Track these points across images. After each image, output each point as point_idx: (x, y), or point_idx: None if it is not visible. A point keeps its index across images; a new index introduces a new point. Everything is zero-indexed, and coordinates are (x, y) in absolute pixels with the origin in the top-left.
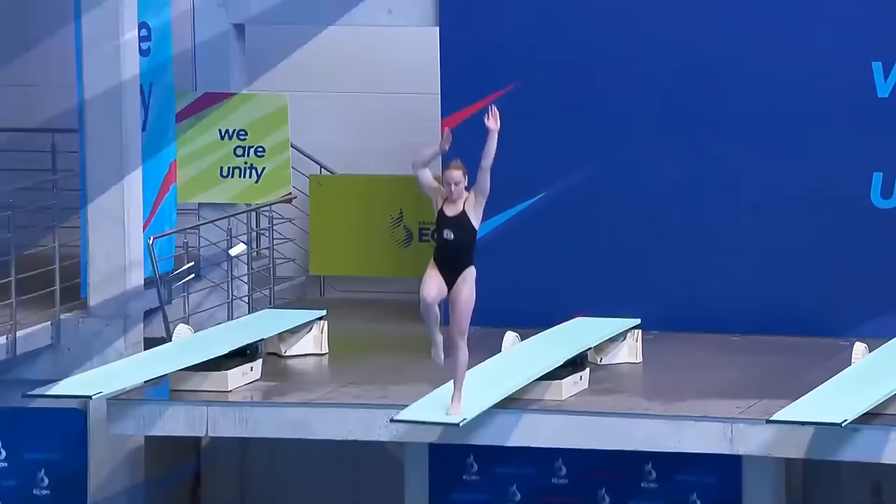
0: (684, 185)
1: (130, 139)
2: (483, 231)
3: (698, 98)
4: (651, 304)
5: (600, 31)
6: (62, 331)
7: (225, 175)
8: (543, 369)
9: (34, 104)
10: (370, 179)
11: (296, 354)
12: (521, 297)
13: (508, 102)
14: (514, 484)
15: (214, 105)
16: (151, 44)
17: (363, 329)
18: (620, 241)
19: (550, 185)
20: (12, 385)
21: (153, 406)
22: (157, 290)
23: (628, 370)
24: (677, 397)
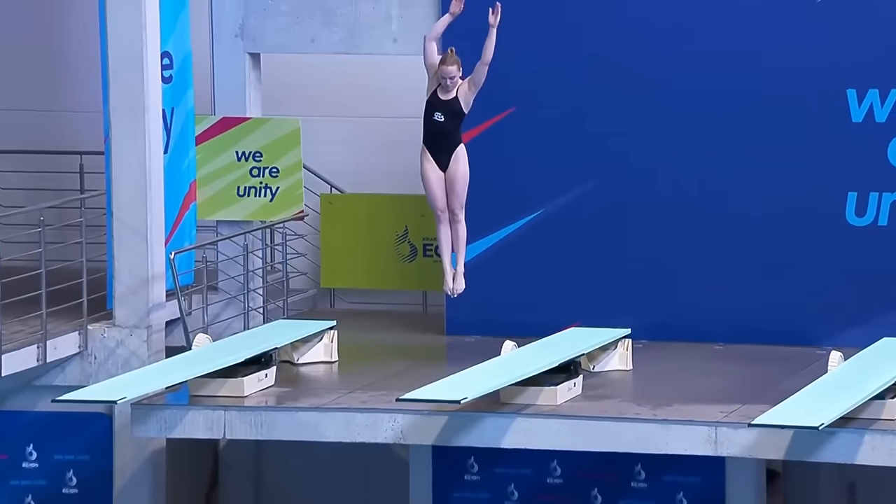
0: (672, 204)
1: (153, 161)
2: (483, 246)
3: (685, 121)
4: (641, 315)
5: (593, 60)
6: (89, 340)
7: (241, 194)
8: (541, 367)
9: (63, 128)
10: (377, 198)
11: (307, 362)
12: (518, 310)
13: (507, 125)
14: (511, 483)
15: (232, 129)
16: (173, 71)
17: (370, 338)
18: (613, 256)
19: (547, 204)
20: (42, 391)
21: (174, 410)
22: (177, 301)
23: (619, 377)
24: (665, 402)
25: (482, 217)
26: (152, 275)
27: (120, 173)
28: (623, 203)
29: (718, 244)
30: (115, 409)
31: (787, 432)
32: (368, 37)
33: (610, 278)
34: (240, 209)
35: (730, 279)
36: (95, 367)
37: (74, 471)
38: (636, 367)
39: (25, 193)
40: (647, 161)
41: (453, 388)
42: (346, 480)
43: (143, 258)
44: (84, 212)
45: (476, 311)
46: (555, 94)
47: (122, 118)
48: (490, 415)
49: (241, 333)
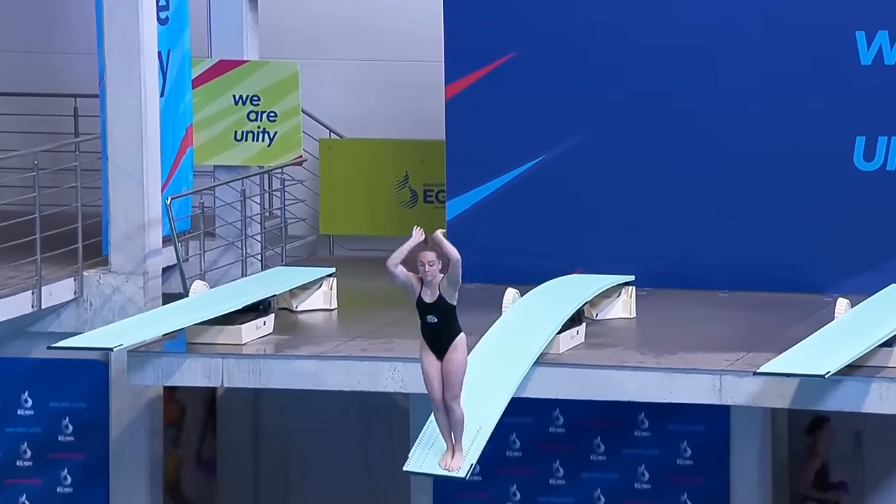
0: (676, 149)
1: (149, 104)
2: (484, 193)
3: (688, 64)
4: (644, 262)
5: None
6: (85, 286)
7: (239, 139)
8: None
9: (57, 70)
10: (377, 143)
11: (306, 310)
12: (520, 257)
13: (508, 70)
14: (514, 432)
15: (229, 72)
16: (169, 13)
17: (370, 286)
18: (615, 203)
19: (548, 150)
20: (38, 337)
21: (171, 358)
22: (174, 247)
23: (622, 325)
24: (669, 351)
25: (482, 163)
26: (148, 220)
27: (115, 117)
28: (625, 149)
29: (723, 190)
30: (112, 356)
31: (793, 381)
32: None
33: (612, 225)
34: (237, 154)
35: (734, 225)
36: (91, 314)
37: (70, 418)
38: (639, 314)
39: (19, 137)
40: (649, 105)
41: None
42: (347, 428)
43: (139, 203)
44: (79, 156)
45: (477, 258)
46: (556, 39)
47: (116, 60)
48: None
49: (239, 280)
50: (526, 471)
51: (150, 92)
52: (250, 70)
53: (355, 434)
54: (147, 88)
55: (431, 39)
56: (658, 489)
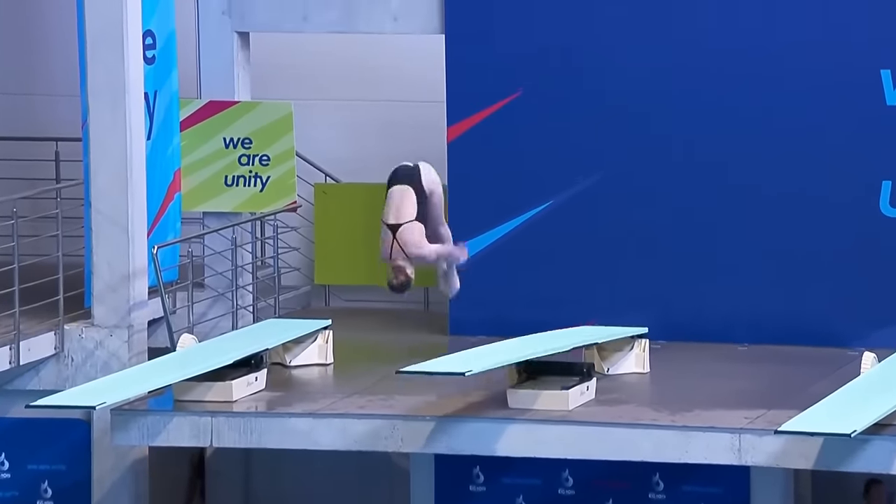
0: (691, 194)
1: (135, 148)
2: (489, 240)
3: (706, 106)
4: (658, 313)
5: (606, 38)
6: (66, 341)
7: (229, 184)
8: (553, 349)
9: (38, 113)
10: (375, 188)
11: (300, 364)
12: (528, 307)
13: (514, 109)
14: (520, 495)
15: (219, 113)
16: (156, 52)
17: (368, 339)
18: (628, 250)
19: (556, 194)
20: (16, 395)
21: (157, 416)
22: (161, 299)
23: (635, 380)
24: (685, 407)
25: (488, 209)
26: (133, 270)
27: (99, 161)
28: (637, 194)
29: (741, 237)
30: (94, 415)
31: (817, 440)
32: (366, 14)
33: (625, 274)
34: (228, 200)
35: (753, 274)
36: (72, 370)
37: (50, 482)
38: (653, 369)
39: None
40: (662, 148)
41: (458, 362)
42: (343, 491)
43: (123, 252)
44: (60, 202)
45: (481, 310)
46: (564, 77)
47: (101, 102)
48: (496, 420)
49: (230, 333)
50: None
51: (136, 135)
52: (242, 111)
53: (353, 497)
54: (132, 131)
55: (432, 78)
56: None
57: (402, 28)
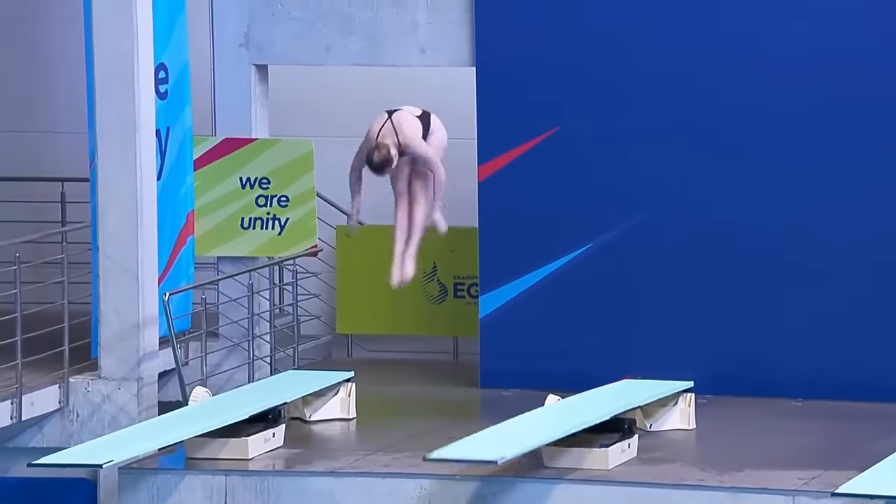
0: (740, 238)
1: (145, 188)
2: (522, 287)
3: (752, 145)
4: (705, 365)
5: (649, 72)
6: (71, 394)
7: (246, 226)
8: (590, 421)
9: (42, 151)
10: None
11: (321, 419)
12: (562, 359)
13: (550, 148)
14: None
15: (235, 151)
16: (169, 86)
17: (394, 392)
18: (671, 296)
19: (595, 238)
20: (17, 453)
21: (168, 475)
22: (172, 349)
23: (680, 437)
24: (734, 467)
25: (520, 253)
26: (143, 319)
27: (107, 202)
28: (683, 237)
29: (795, 284)
30: (101, 473)
31: (878, 503)
32: (392, 46)
33: (668, 324)
34: (244, 243)
35: (808, 324)
36: (78, 426)
37: None
38: (700, 425)
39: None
40: (710, 189)
41: (488, 445)
42: None
43: (133, 300)
44: (66, 247)
45: (515, 361)
46: (602, 113)
47: (109, 139)
48: (531, 480)
49: (246, 386)
50: None
51: (147, 174)
52: (259, 149)
53: None
54: (143, 170)
55: (462, 114)
56: None
57: (429, 60)
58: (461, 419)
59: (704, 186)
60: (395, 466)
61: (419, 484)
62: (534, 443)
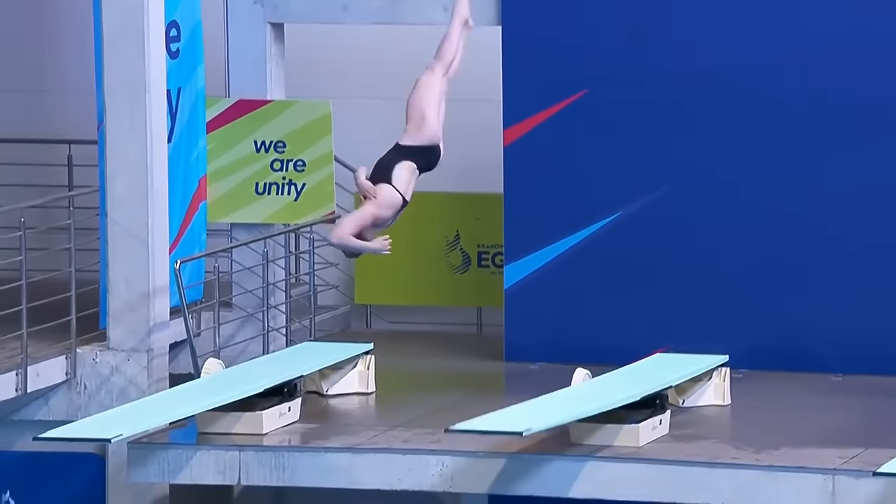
0: (777, 205)
1: (155, 151)
2: (549, 256)
3: (792, 112)
4: (741, 339)
5: (684, 34)
6: (78, 365)
7: (260, 192)
8: (621, 400)
9: (48, 112)
10: (423, 197)
11: (339, 393)
12: (591, 332)
13: (578, 111)
14: None
15: (249, 113)
16: (181, 45)
17: (414, 365)
18: (705, 268)
19: (625, 206)
20: (22, 426)
21: (179, 451)
22: (184, 320)
23: (714, 414)
24: (770, 445)
25: (547, 221)
26: (154, 288)
27: (116, 166)
28: (717, 207)
29: (837, 255)
30: (109, 448)
31: None
32: (413, 4)
33: (702, 295)
34: (258, 210)
35: (850, 295)
36: (85, 399)
37: None
38: (735, 401)
39: (3, 190)
40: (748, 160)
41: (515, 418)
42: None
43: (142, 268)
44: (73, 212)
45: (541, 333)
46: (634, 75)
47: (118, 100)
48: (558, 457)
49: (260, 359)
50: None
51: (157, 137)
52: (275, 111)
53: None
54: (153, 133)
55: (487, 75)
56: None
57: None
58: (485, 394)
59: (742, 156)
60: (415, 442)
61: (441, 461)
62: (562, 418)
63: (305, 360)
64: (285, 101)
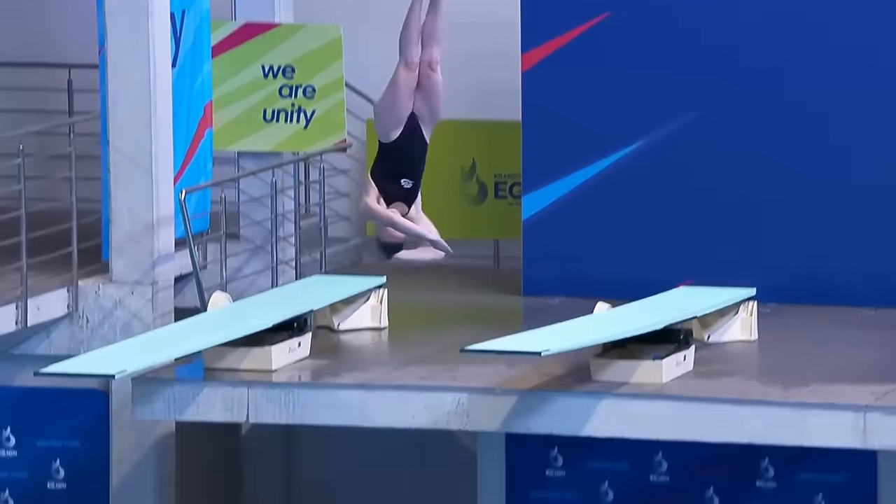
0: (807, 131)
1: (159, 76)
2: (569, 186)
3: (827, 34)
4: (769, 271)
5: None
6: (80, 299)
7: (269, 119)
8: (642, 328)
9: (48, 35)
10: (438, 126)
11: (351, 328)
12: (612, 265)
13: (600, 35)
14: (605, 481)
15: (257, 37)
16: None
17: (429, 300)
18: (732, 197)
19: (648, 134)
20: (23, 361)
21: (185, 387)
22: (189, 252)
23: (741, 349)
24: (800, 381)
25: (567, 150)
26: (158, 218)
27: (118, 92)
28: (744, 132)
29: (869, 182)
30: (113, 384)
31: None
32: None
33: (728, 226)
34: (267, 138)
35: (883, 226)
36: (88, 333)
37: (62, 461)
38: (762, 336)
39: (1, 116)
40: (778, 80)
41: (532, 340)
42: (399, 476)
43: (146, 198)
44: (73, 139)
45: (561, 267)
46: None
47: (120, 23)
48: (578, 394)
49: (269, 292)
50: None
51: (161, 61)
52: (283, 35)
53: (410, 483)
54: (156, 57)
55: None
56: None
57: None
58: (502, 329)
59: (771, 82)
60: (430, 379)
61: (456, 397)
62: (582, 341)
63: (316, 294)
64: (294, 25)
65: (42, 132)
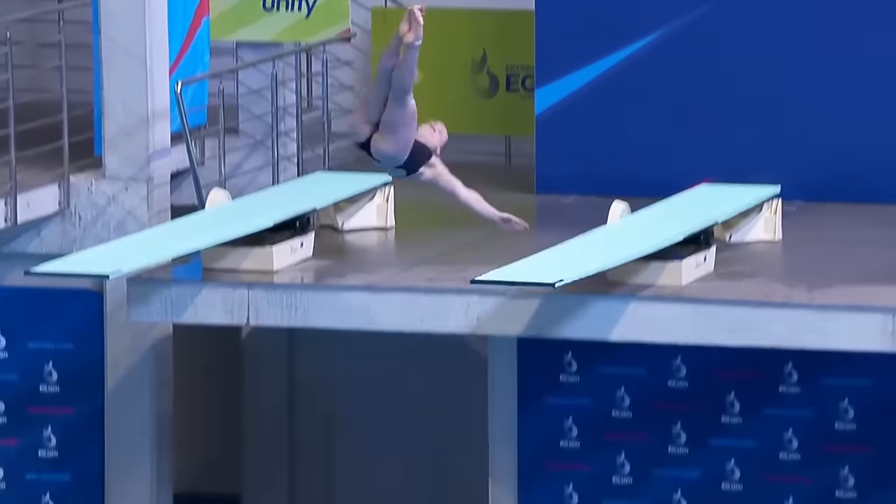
0: (835, 19)
1: None
2: (584, 79)
3: None
4: (794, 167)
5: None
6: (72, 195)
7: (269, 7)
8: (663, 242)
9: None
10: (446, 14)
11: (355, 228)
12: (630, 161)
13: None
14: (621, 387)
15: None
16: None
17: (437, 198)
18: (754, 89)
19: (667, 23)
20: (13, 260)
21: (183, 288)
22: (186, 146)
23: (764, 250)
24: (825, 282)
25: (584, 39)
26: (153, 111)
27: None
28: (767, 21)
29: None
30: (107, 284)
31: None
32: None
33: (752, 120)
34: (267, 27)
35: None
36: (80, 231)
37: (55, 363)
38: (786, 236)
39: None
40: None
41: (546, 266)
42: (405, 381)
43: (140, 90)
44: (63, 27)
45: (575, 163)
46: None
47: None
48: (594, 297)
49: (270, 189)
50: (638, 436)
51: None
52: None
53: (417, 388)
54: None
55: None
56: (810, 460)
57: None
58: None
59: None
60: (439, 281)
61: (466, 300)
62: (597, 265)
63: (319, 192)
64: None
65: (30, 19)
